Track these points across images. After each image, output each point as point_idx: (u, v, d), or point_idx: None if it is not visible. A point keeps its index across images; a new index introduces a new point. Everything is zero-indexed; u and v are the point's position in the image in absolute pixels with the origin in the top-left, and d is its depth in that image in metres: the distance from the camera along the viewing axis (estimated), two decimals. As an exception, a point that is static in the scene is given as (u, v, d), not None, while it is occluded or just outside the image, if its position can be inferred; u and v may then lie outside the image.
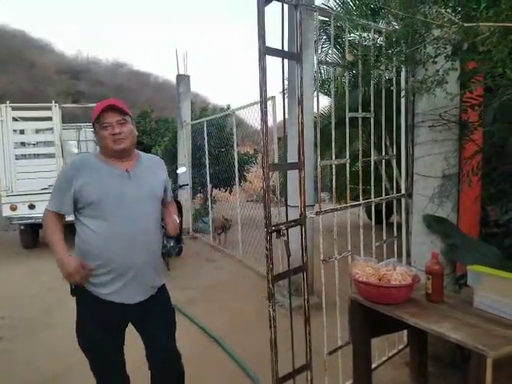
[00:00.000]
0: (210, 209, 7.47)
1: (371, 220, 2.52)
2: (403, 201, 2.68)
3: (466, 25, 1.38)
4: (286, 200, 2.55)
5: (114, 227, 1.69)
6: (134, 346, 1.94)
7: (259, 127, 6.40)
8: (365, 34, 2.36)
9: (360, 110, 2.25)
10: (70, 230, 1.79)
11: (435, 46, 1.71)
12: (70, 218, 1.76)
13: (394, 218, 2.66)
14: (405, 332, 2.69)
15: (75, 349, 1.85)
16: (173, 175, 7.62)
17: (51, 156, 6.92)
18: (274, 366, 1.90)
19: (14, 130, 6.85)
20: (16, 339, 3.46)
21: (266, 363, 2.17)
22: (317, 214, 2.15)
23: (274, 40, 1.85)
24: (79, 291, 1.76)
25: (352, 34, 4.33)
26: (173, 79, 8.95)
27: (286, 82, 3.28)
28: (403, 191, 2.68)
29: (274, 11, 2.01)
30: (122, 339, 1.85)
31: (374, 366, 2.44)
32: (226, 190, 8.66)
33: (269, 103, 4.27)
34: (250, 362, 2.84)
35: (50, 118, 6.89)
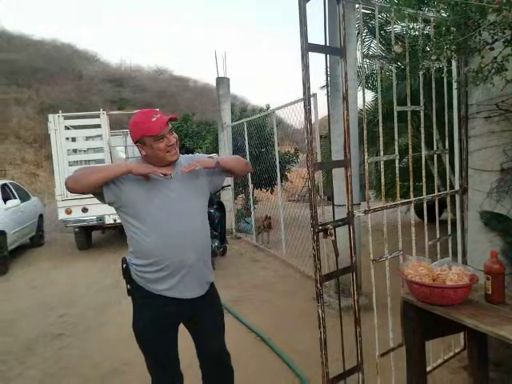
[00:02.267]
0: (252, 209, 7.52)
1: (421, 219, 2.41)
2: (457, 197, 2.55)
3: (528, 5, 1.28)
4: (332, 199, 2.51)
5: (162, 225, 1.73)
6: (185, 345, 1.98)
7: (299, 126, 6.37)
8: (411, 25, 2.26)
9: (409, 103, 2.16)
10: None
11: (491, 32, 1.60)
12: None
13: (448, 216, 2.53)
14: (461, 334, 2.55)
15: (131, 345, 1.92)
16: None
17: (101, 162, 7.24)
18: (325, 367, 1.87)
19: (67, 138, 7.25)
20: (75, 336, 3.66)
21: (313, 363, 2.15)
22: (365, 212, 2.09)
23: (312, 37, 1.81)
24: (135, 290, 1.81)
25: (396, 26, 4.19)
26: (211, 83, 9.10)
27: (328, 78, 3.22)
28: (457, 187, 2.54)
29: (311, 7, 1.97)
30: (175, 337, 1.89)
31: (428, 369, 2.34)
32: (268, 190, 8.67)
33: (311, 100, 4.23)
34: (297, 362, 2.82)
35: (98, 126, 7.23)
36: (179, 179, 1.80)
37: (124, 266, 1.83)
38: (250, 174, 7.18)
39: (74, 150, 7.98)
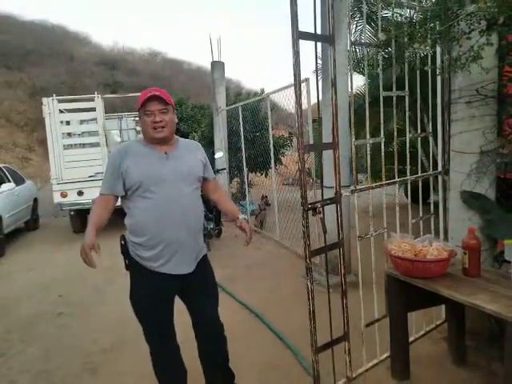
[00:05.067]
0: (246, 192, 7.63)
1: (413, 201, 2.54)
2: (440, 178, 2.68)
3: (502, -2, 1.37)
4: (321, 181, 2.62)
5: (156, 204, 1.85)
6: (181, 320, 2.11)
7: (294, 110, 6.41)
8: (398, 11, 2.34)
9: (394, 89, 2.26)
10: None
11: (468, 22, 1.69)
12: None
13: (431, 196, 2.66)
14: (443, 308, 2.72)
15: (128, 322, 2.02)
16: (210, 160, 7.81)
17: (96, 145, 7.25)
18: (313, 336, 2.01)
19: (61, 122, 7.22)
20: (74, 314, 3.78)
21: (304, 337, 2.28)
22: (352, 192, 2.21)
23: (306, 23, 1.89)
24: (132, 265, 1.95)
25: (385, 11, 4.24)
26: (205, 65, 9.06)
27: (320, 63, 3.29)
28: (440, 168, 2.68)
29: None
30: (171, 308, 2.02)
31: (411, 339, 2.50)
32: (262, 174, 8.76)
33: (303, 85, 4.28)
34: (288, 336, 2.96)
35: (93, 109, 7.20)
36: (175, 159, 1.93)
37: (122, 242, 1.96)
38: (244, 158, 7.26)
39: (69, 134, 7.96)
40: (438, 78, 2.50)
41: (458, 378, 2.33)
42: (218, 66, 8.04)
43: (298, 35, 1.78)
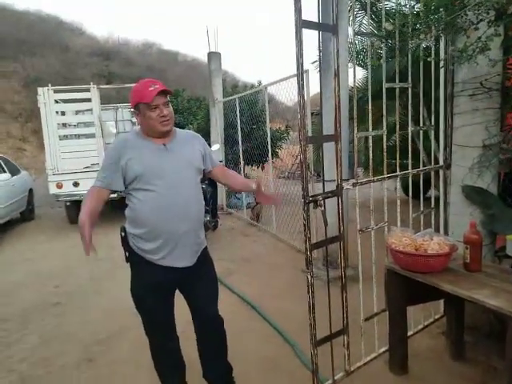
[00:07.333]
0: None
1: (408, 196, 2.52)
2: (441, 172, 2.66)
3: (511, -13, 1.34)
4: (322, 174, 2.59)
5: (157, 196, 1.82)
6: (180, 311, 2.09)
7: (291, 103, 6.34)
8: (401, 1, 2.30)
9: (397, 81, 2.22)
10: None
11: (477, 12, 1.66)
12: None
13: (432, 191, 2.64)
14: (441, 302, 2.72)
15: (126, 312, 2.00)
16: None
17: (92, 136, 7.17)
18: (312, 329, 1.99)
19: (56, 112, 7.13)
20: (71, 304, 3.77)
21: (302, 331, 2.27)
22: (353, 185, 2.18)
23: (306, 14, 1.84)
24: (132, 257, 1.92)
25: (387, 2, 4.20)
26: (200, 57, 8.94)
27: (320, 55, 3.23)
28: (441, 162, 2.65)
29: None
30: (171, 302, 2.01)
31: (409, 333, 2.50)
32: (258, 167, 8.72)
33: (302, 77, 4.22)
34: (286, 330, 2.94)
35: (88, 100, 7.12)
36: (174, 151, 1.89)
37: (122, 233, 1.93)
38: (241, 151, 7.22)
39: (64, 124, 7.90)
40: (441, 71, 2.47)
41: (456, 373, 2.32)
42: (214, 56, 7.94)
43: (301, 24, 1.73)
